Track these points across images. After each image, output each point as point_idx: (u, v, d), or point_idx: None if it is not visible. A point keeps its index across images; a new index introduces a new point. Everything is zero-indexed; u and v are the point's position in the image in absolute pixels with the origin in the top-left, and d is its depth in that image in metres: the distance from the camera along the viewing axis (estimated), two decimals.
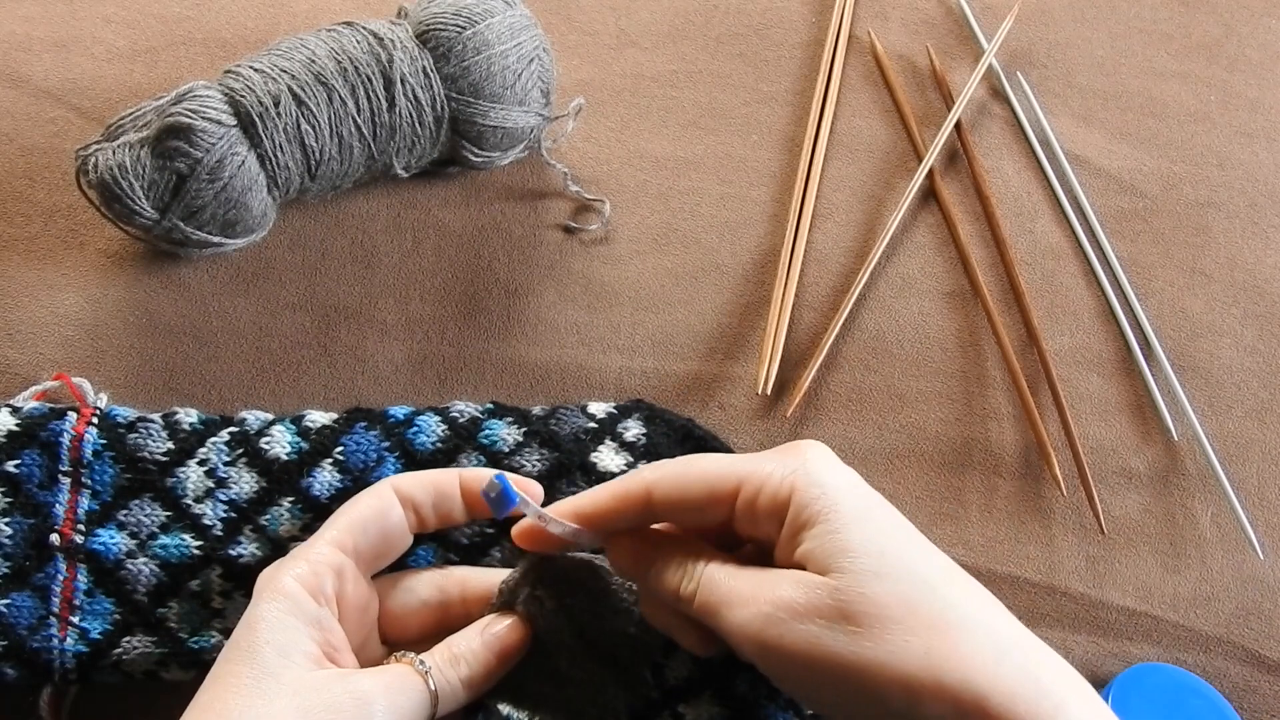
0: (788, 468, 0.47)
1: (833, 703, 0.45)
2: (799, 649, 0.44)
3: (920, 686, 0.42)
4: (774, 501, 0.47)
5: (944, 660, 0.42)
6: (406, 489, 0.52)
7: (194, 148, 0.60)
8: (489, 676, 0.50)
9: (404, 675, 0.47)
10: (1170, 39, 0.81)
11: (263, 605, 0.47)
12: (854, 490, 0.47)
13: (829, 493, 0.46)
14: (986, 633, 0.44)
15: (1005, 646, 0.44)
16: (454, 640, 0.50)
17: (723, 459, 0.50)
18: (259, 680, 0.45)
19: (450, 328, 0.67)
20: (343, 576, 0.49)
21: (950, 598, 0.45)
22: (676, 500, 0.49)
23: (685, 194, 0.72)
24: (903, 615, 0.43)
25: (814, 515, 0.46)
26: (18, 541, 0.55)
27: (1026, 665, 0.43)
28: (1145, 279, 0.72)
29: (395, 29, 0.64)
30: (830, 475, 0.47)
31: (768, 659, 0.45)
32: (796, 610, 0.44)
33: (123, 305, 0.65)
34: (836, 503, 0.46)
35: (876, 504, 0.47)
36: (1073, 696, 0.43)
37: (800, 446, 0.49)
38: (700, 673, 0.55)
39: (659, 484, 0.49)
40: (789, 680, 0.46)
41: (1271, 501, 0.67)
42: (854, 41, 0.79)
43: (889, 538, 0.46)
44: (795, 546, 0.46)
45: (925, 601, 0.44)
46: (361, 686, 0.45)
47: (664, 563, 0.49)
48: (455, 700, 0.49)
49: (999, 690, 0.42)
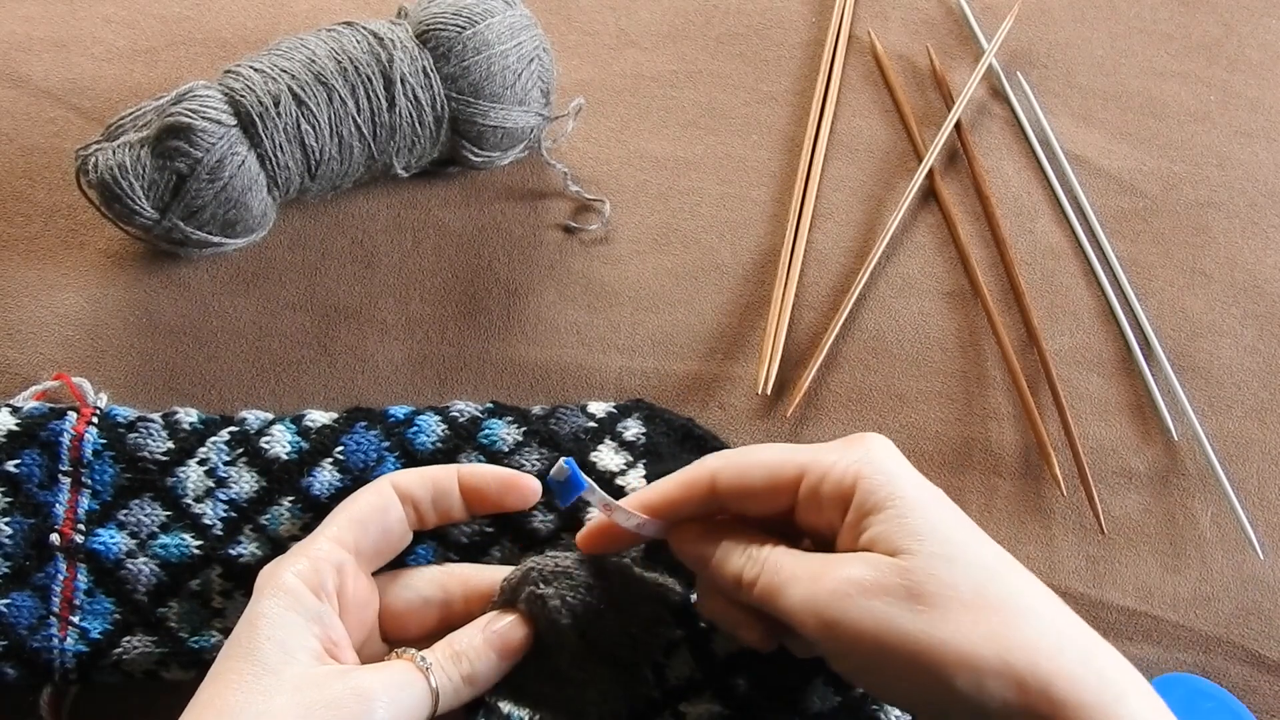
0: (852, 456, 0.48)
1: (894, 683, 0.46)
2: (866, 626, 0.44)
3: (987, 667, 0.42)
4: (839, 488, 0.48)
5: (1011, 643, 0.43)
6: (406, 485, 0.52)
7: (194, 148, 0.60)
8: (491, 674, 0.50)
9: (405, 672, 0.47)
10: (1170, 39, 0.81)
11: (264, 602, 0.47)
12: (917, 480, 0.48)
13: (894, 480, 0.47)
14: (1051, 620, 0.44)
15: (1069, 635, 0.44)
16: (455, 637, 0.50)
17: (786, 448, 0.51)
18: (259, 676, 0.45)
19: (450, 328, 0.67)
20: (343, 573, 0.49)
21: (1015, 585, 0.45)
22: (740, 487, 0.50)
23: (685, 194, 0.72)
24: (971, 598, 0.44)
25: (880, 501, 0.46)
26: (18, 541, 0.55)
27: (1089, 654, 0.44)
28: (1145, 279, 0.72)
29: (395, 29, 0.64)
30: (894, 464, 0.48)
31: (833, 636, 0.45)
32: (865, 587, 0.44)
33: (123, 305, 0.65)
34: (903, 490, 0.47)
35: (939, 495, 0.48)
36: (1133, 689, 0.44)
37: (864, 438, 0.50)
38: (701, 673, 0.55)
39: (723, 471, 0.50)
40: (851, 659, 0.46)
41: (1271, 501, 0.67)
42: (854, 41, 0.79)
43: (954, 525, 0.47)
44: (860, 532, 0.47)
45: (992, 587, 0.44)
46: (362, 683, 0.45)
47: (727, 549, 0.50)
48: (456, 697, 0.49)
49: (1063, 675, 0.42)
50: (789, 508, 0.50)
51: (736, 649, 0.55)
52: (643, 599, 0.53)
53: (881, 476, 0.47)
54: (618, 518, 0.51)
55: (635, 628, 0.52)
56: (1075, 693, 0.42)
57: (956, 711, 0.44)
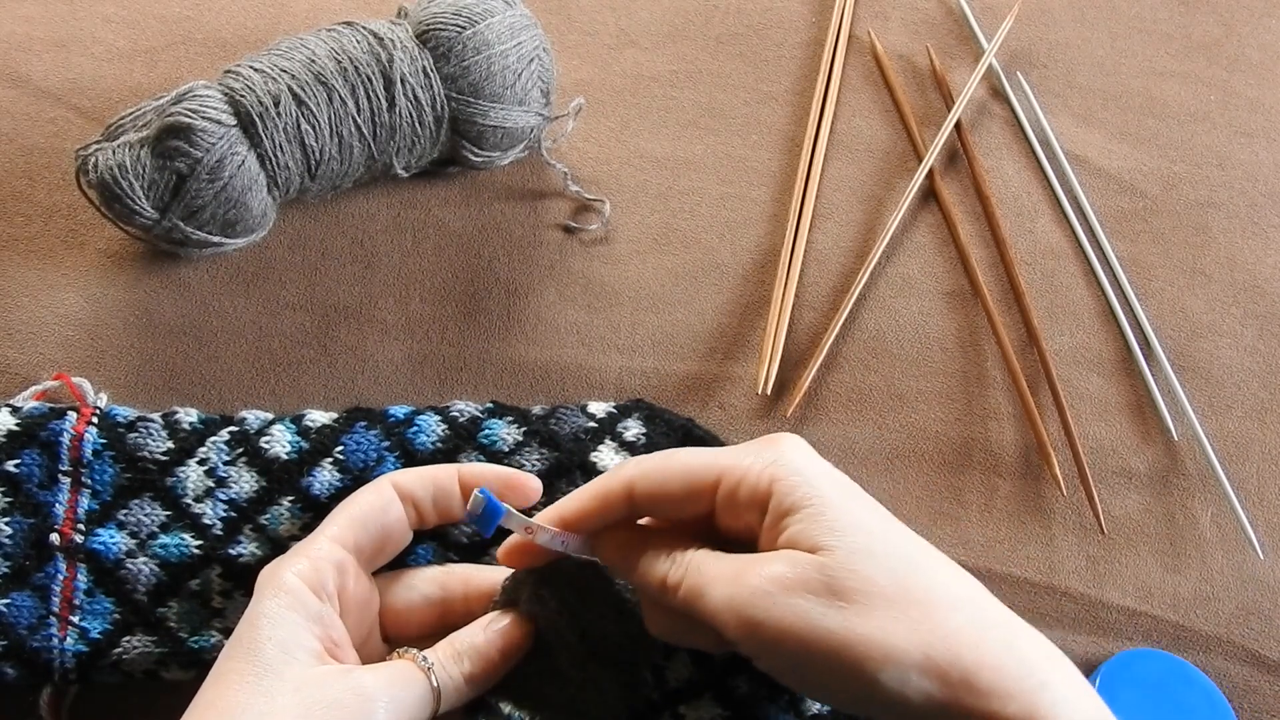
0: (766, 459, 0.48)
1: (818, 679, 0.45)
2: (788, 624, 0.44)
3: (909, 661, 0.43)
4: (754, 492, 0.47)
5: (932, 635, 0.43)
6: (406, 485, 0.52)
7: (194, 147, 0.60)
8: (492, 673, 0.50)
9: (406, 671, 0.47)
10: (1170, 39, 0.81)
11: (264, 602, 0.47)
12: (832, 477, 0.48)
13: (810, 479, 0.47)
14: (973, 610, 0.45)
15: (992, 624, 0.45)
16: (457, 636, 0.50)
17: (702, 453, 0.50)
18: (261, 677, 0.45)
19: (450, 327, 0.67)
20: (344, 572, 0.49)
21: (936, 577, 0.46)
22: (657, 494, 0.50)
23: (685, 194, 0.72)
24: (892, 591, 0.44)
25: (797, 501, 0.46)
26: (18, 541, 0.55)
27: (1012, 642, 0.44)
28: (1145, 279, 0.72)
29: (395, 29, 0.64)
30: (808, 464, 0.48)
31: (754, 636, 0.45)
32: (786, 585, 0.44)
33: (123, 305, 0.65)
34: (818, 488, 0.47)
35: (855, 490, 0.48)
36: (1057, 673, 0.44)
37: (776, 439, 0.49)
38: (700, 674, 0.55)
39: (639, 480, 0.50)
40: (775, 658, 0.46)
41: (1271, 501, 0.66)
42: (854, 41, 0.79)
43: (872, 520, 0.47)
44: (780, 533, 0.47)
45: (913, 579, 0.45)
46: (364, 683, 0.45)
47: (652, 554, 0.50)
48: (458, 696, 0.49)
49: (985, 665, 0.43)
50: (709, 512, 0.49)
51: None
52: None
53: (796, 477, 0.47)
54: (540, 539, 0.50)
55: (635, 629, 0.52)
56: (998, 682, 0.42)
57: (881, 706, 0.44)
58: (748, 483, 0.48)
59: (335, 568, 0.49)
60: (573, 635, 0.51)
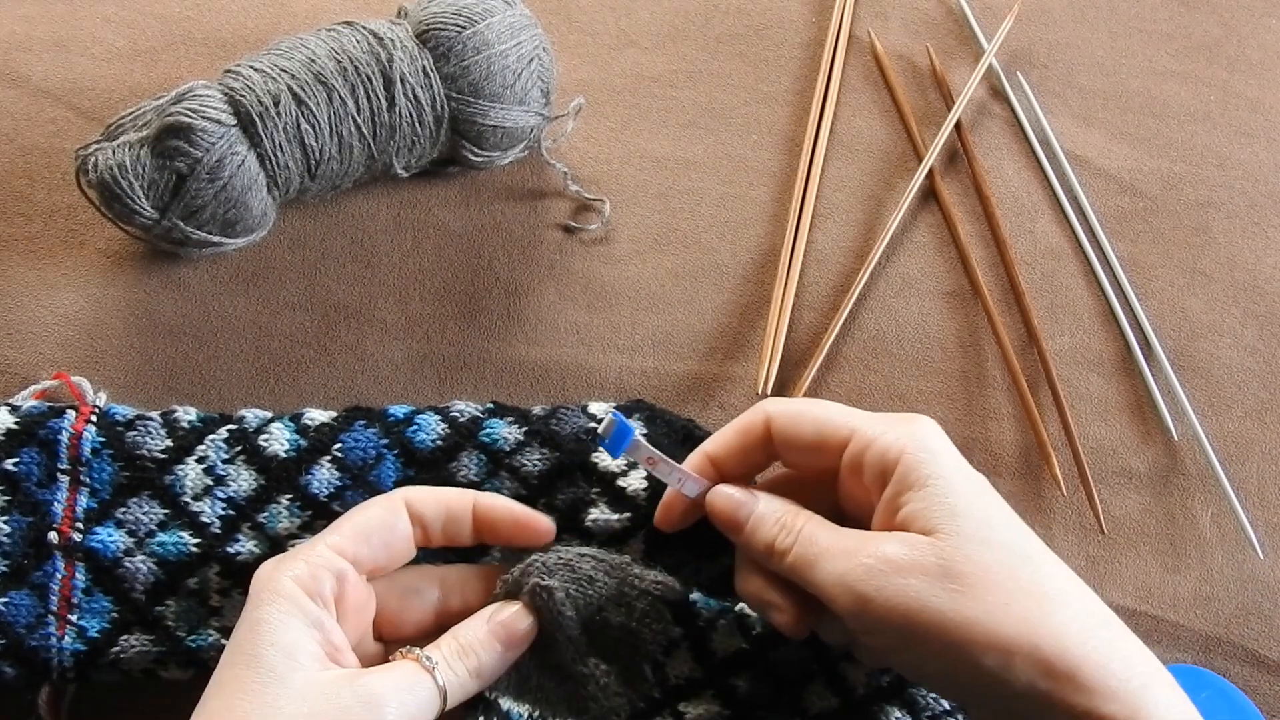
0: (899, 431, 0.49)
1: (923, 661, 0.46)
2: (898, 604, 0.45)
3: (1016, 649, 0.43)
4: (882, 459, 0.48)
5: (1041, 627, 0.44)
6: (418, 504, 0.52)
7: (194, 147, 0.60)
8: (497, 665, 0.49)
9: (412, 673, 0.47)
10: (1170, 39, 0.81)
11: (264, 608, 0.47)
12: (959, 463, 0.48)
13: (938, 459, 0.48)
14: (1081, 607, 0.45)
15: (1098, 622, 0.45)
16: (460, 630, 0.50)
17: (839, 408, 0.51)
18: (266, 684, 0.44)
19: (450, 327, 0.67)
20: (342, 580, 0.49)
21: (1048, 571, 0.46)
22: (791, 434, 0.51)
23: (685, 194, 0.72)
24: (1004, 581, 0.44)
25: (922, 478, 0.47)
26: (16, 540, 0.55)
27: (1116, 642, 0.45)
28: (1145, 279, 0.72)
29: (395, 29, 0.64)
30: (940, 445, 0.49)
31: (864, 612, 0.46)
32: (899, 565, 0.45)
33: (123, 305, 0.66)
34: (944, 470, 0.47)
35: (979, 479, 0.49)
36: (1158, 677, 0.44)
37: (914, 417, 0.50)
38: (701, 672, 0.55)
39: (777, 417, 0.51)
40: (882, 636, 0.46)
41: (1271, 501, 0.66)
42: (854, 41, 0.79)
43: (995, 510, 0.47)
44: (899, 507, 0.47)
45: (1025, 571, 0.45)
46: (371, 689, 0.45)
47: (761, 516, 0.50)
48: (464, 692, 0.48)
49: (1090, 662, 0.43)
50: (833, 469, 0.50)
51: (736, 649, 0.54)
52: (642, 595, 0.53)
53: (926, 454, 0.48)
54: (659, 471, 0.52)
55: (635, 623, 0.52)
56: (1101, 679, 0.43)
57: (983, 691, 0.44)
58: (877, 448, 0.48)
59: (333, 575, 0.48)
60: (574, 630, 0.51)
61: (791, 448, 0.51)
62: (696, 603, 0.54)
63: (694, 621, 0.55)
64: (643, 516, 0.57)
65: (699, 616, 0.54)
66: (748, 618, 0.55)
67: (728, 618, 0.54)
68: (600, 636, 0.52)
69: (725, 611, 0.55)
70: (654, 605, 0.53)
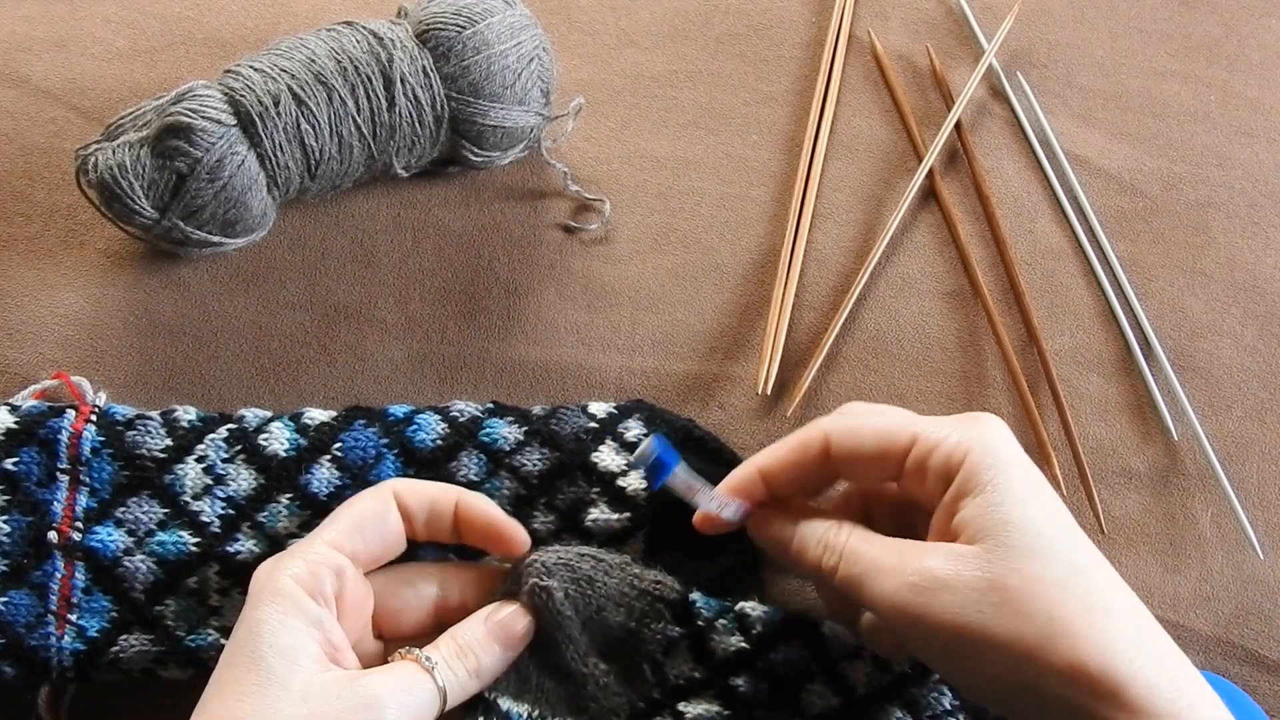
0: (964, 433, 0.48)
1: (970, 672, 0.46)
2: (945, 619, 0.44)
3: (1062, 664, 0.43)
4: (947, 462, 0.48)
5: (1088, 642, 0.43)
6: (405, 496, 0.52)
7: (194, 147, 0.60)
8: (496, 665, 0.49)
9: (412, 674, 0.47)
10: (1170, 39, 0.81)
11: (263, 608, 0.46)
12: (1024, 468, 0.48)
13: (1000, 464, 0.47)
14: (1131, 624, 0.45)
15: (1147, 641, 0.45)
16: (458, 631, 0.50)
17: (901, 414, 0.51)
18: (265, 687, 0.44)
19: (450, 327, 0.67)
20: (342, 577, 0.49)
21: (1100, 585, 0.46)
22: (851, 449, 0.50)
23: (685, 194, 0.72)
24: (1052, 593, 0.44)
25: (981, 483, 0.47)
26: (16, 539, 0.55)
27: (1164, 661, 0.44)
28: (1145, 279, 0.72)
29: (395, 29, 0.64)
30: (1004, 449, 0.48)
31: (914, 627, 0.46)
32: (943, 580, 0.45)
33: (123, 305, 0.66)
34: (1006, 475, 0.47)
35: (1042, 485, 0.48)
36: (1205, 699, 0.44)
37: (981, 417, 0.50)
38: (700, 672, 0.54)
39: (835, 432, 0.51)
40: (931, 650, 0.47)
41: (1271, 501, 0.66)
42: (854, 41, 0.79)
43: (1049, 519, 0.47)
44: (955, 512, 0.47)
45: (1076, 585, 0.45)
46: (372, 691, 0.45)
47: (804, 536, 0.50)
48: (464, 692, 0.48)
49: (1138, 681, 0.43)
50: (895, 475, 0.50)
51: (736, 649, 0.55)
52: (641, 595, 0.53)
53: (989, 459, 0.47)
54: (701, 500, 0.52)
55: (634, 623, 0.52)
56: (1148, 698, 0.43)
57: (1028, 704, 0.44)
58: (942, 451, 0.48)
59: (333, 571, 0.48)
60: (573, 630, 0.51)
61: (854, 461, 0.51)
62: (696, 603, 0.54)
63: (694, 621, 0.55)
64: (643, 516, 0.57)
65: (699, 616, 0.54)
66: (748, 617, 0.55)
67: (727, 618, 0.54)
68: (600, 636, 0.52)
69: (725, 611, 0.55)
70: (654, 605, 0.53)
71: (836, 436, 0.51)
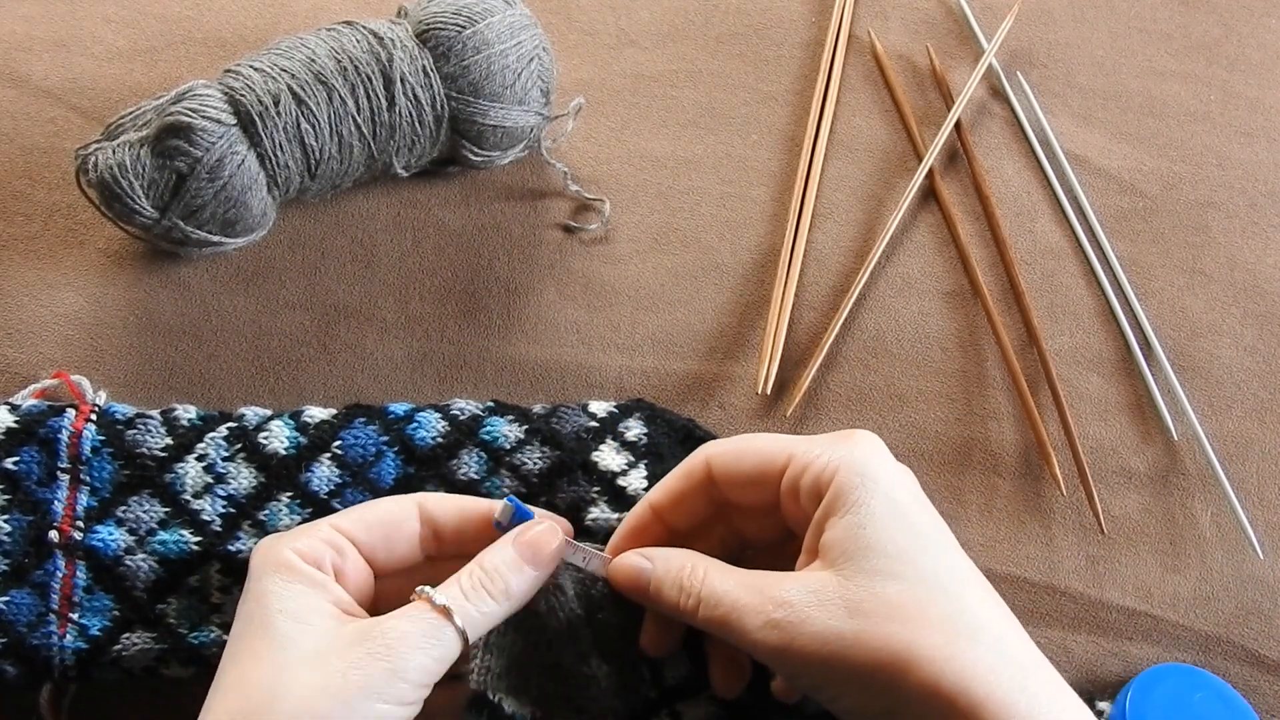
0: (836, 452, 0.48)
1: (841, 699, 0.46)
2: (810, 649, 0.44)
3: (919, 688, 0.43)
4: (816, 482, 0.48)
5: (944, 665, 0.43)
6: (433, 508, 0.51)
7: (194, 147, 0.60)
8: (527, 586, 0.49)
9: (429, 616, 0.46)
10: (1170, 39, 0.81)
11: (266, 579, 0.47)
12: (894, 485, 0.48)
13: (867, 483, 0.47)
14: (994, 642, 0.44)
15: (1010, 658, 0.44)
16: (485, 556, 0.49)
17: (778, 438, 0.51)
18: (281, 649, 0.44)
19: (450, 326, 0.67)
20: (343, 555, 0.49)
21: (966, 604, 0.45)
22: (732, 470, 0.50)
23: (685, 194, 0.72)
24: (910, 617, 0.44)
25: (847, 503, 0.46)
26: (16, 539, 0.55)
27: (1025, 682, 0.44)
28: (1145, 279, 0.72)
29: (395, 28, 0.64)
30: (875, 467, 0.48)
31: (782, 663, 0.46)
32: (803, 610, 0.45)
33: (123, 305, 0.66)
34: (871, 494, 0.47)
35: (911, 501, 0.48)
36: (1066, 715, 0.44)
37: (855, 435, 0.50)
38: (698, 671, 0.54)
39: (717, 457, 0.51)
40: (805, 681, 0.47)
41: (1271, 501, 0.66)
42: (854, 41, 0.79)
43: (912, 539, 0.46)
44: (823, 530, 0.47)
45: (936, 607, 0.44)
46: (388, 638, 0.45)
47: (660, 580, 0.50)
48: (488, 622, 0.48)
49: (994, 699, 0.43)
50: (776, 497, 0.50)
51: None
52: None
53: (856, 478, 0.47)
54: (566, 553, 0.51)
55: (633, 624, 0.52)
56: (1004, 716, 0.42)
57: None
58: (812, 471, 0.48)
59: (332, 548, 0.48)
60: (574, 630, 0.51)
61: (735, 484, 0.51)
62: None
63: None
64: None
65: None
66: None
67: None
68: (600, 637, 0.52)
69: None
70: None
71: (718, 459, 0.51)
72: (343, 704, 0.43)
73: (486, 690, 0.50)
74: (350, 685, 0.43)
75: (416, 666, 0.45)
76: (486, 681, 0.50)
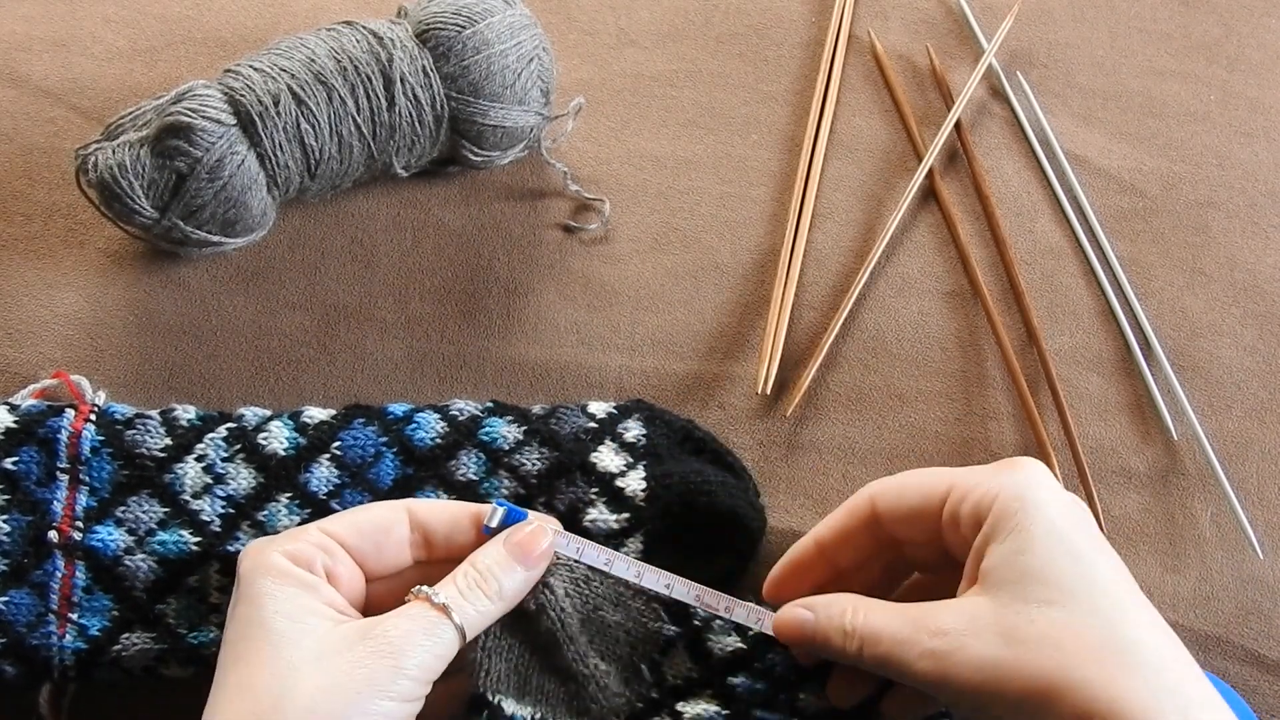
0: (998, 480, 0.48)
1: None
2: (966, 675, 0.45)
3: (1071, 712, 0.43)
4: (977, 509, 0.48)
5: (1099, 691, 0.43)
6: (423, 513, 0.52)
7: (194, 147, 0.60)
8: (519, 586, 0.49)
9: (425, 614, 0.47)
10: (1170, 39, 0.81)
11: (259, 582, 0.47)
12: (1055, 511, 0.48)
13: (1028, 509, 0.47)
14: (1152, 673, 0.44)
15: (1169, 690, 0.44)
16: (476, 557, 0.49)
17: (941, 470, 0.52)
18: (281, 649, 0.44)
19: (450, 326, 0.67)
20: (334, 557, 0.49)
21: (1124, 631, 0.45)
22: (896, 505, 0.51)
23: (685, 194, 0.72)
24: (1068, 642, 0.44)
25: (1006, 529, 0.47)
26: (16, 539, 0.55)
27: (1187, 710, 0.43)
28: (1145, 279, 0.72)
29: (395, 28, 0.64)
30: (1036, 493, 0.48)
31: (942, 691, 0.46)
32: (960, 636, 0.45)
33: (122, 305, 0.66)
34: (1031, 520, 0.47)
35: (1074, 528, 0.48)
36: None
37: (1019, 462, 0.50)
38: (698, 672, 0.55)
39: (881, 495, 0.52)
40: (963, 706, 0.47)
41: (1271, 501, 0.66)
42: (854, 41, 0.79)
43: (1074, 564, 0.46)
44: (982, 556, 0.47)
45: (1093, 633, 0.44)
46: (388, 637, 0.45)
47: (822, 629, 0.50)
48: (485, 620, 0.48)
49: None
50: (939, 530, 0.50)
51: (733, 649, 0.55)
52: (638, 594, 0.53)
53: (1016, 504, 0.47)
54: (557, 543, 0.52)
55: (632, 622, 0.52)
56: None
57: None
58: (972, 500, 0.48)
59: (322, 551, 0.49)
60: (575, 630, 0.51)
61: (899, 520, 0.51)
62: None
63: (691, 621, 0.55)
64: (641, 517, 0.57)
65: (696, 616, 0.55)
66: None
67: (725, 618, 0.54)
68: (599, 636, 0.52)
69: None
70: (650, 605, 0.53)
71: (882, 497, 0.52)
72: (350, 702, 0.44)
73: (487, 691, 0.50)
74: (356, 683, 0.44)
75: (419, 663, 0.45)
76: (486, 682, 0.50)
